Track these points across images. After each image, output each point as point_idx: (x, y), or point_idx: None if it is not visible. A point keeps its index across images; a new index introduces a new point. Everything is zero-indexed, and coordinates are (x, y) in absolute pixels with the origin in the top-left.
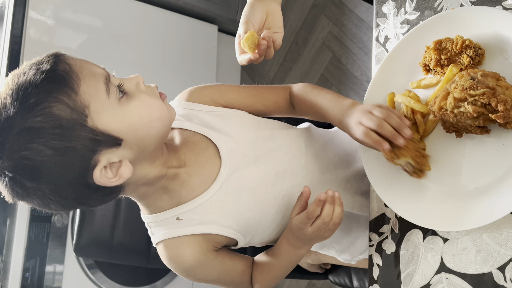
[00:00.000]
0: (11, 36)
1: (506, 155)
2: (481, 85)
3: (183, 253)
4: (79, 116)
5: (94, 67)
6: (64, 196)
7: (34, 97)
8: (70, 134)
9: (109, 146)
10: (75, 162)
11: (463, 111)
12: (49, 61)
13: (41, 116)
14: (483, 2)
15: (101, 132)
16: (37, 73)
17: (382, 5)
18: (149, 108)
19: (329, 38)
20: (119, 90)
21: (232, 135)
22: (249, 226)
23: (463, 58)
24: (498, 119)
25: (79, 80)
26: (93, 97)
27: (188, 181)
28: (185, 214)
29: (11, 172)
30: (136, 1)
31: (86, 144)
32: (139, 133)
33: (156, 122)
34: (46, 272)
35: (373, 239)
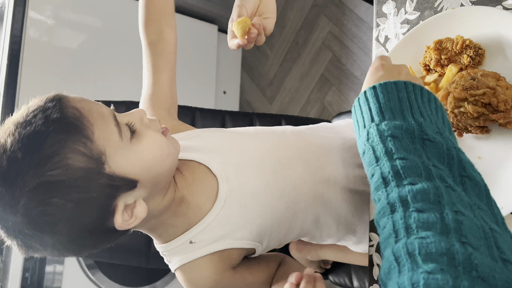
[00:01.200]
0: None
1: (506, 155)
2: (481, 85)
3: (200, 276)
4: (96, 164)
5: (101, 107)
6: (83, 245)
7: (49, 149)
8: (89, 185)
9: (126, 190)
10: (95, 211)
11: (463, 111)
12: (55, 106)
13: (58, 169)
14: (483, 2)
15: (118, 177)
16: (46, 122)
17: (382, 5)
18: (159, 145)
19: (329, 38)
20: (130, 129)
21: (217, 150)
22: (262, 232)
23: (463, 58)
24: (498, 119)
25: (92, 126)
26: (107, 142)
27: (192, 201)
28: (197, 236)
29: (29, 230)
30: (136, 1)
31: (105, 192)
32: (153, 171)
33: (167, 159)
34: (46, 272)
35: (373, 239)
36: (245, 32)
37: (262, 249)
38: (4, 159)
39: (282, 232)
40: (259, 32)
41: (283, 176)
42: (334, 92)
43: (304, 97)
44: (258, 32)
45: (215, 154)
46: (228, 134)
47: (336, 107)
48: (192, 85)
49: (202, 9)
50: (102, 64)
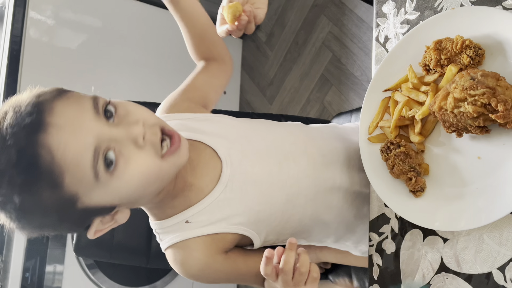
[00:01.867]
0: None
1: (506, 155)
2: (481, 85)
3: (190, 256)
4: (67, 203)
5: (80, 139)
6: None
7: (18, 188)
8: (62, 217)
9: (103, 214)
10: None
11: (463, 111)
12: (30, 146)
13: (30, 202)
14: (483, 2)
15: (93, 207)
16: (18, 166)
17: (382, 5)
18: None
19: (329, 38)
20: (108, 162)
21: (225, 136)
22: (260, 221)
23: (463, 58)
24: (498, 119)
25: (63, 173)
26: (79, 185)
27: (196, 183)
28: (194, 216)
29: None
30: (136, 1)
31: (79, 220)
32: (134, 196)
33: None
34: (46, 272)
35: (373, 239)
36: (235, 17)
37: (259, 240)
38: None
39: (281, 224)
40: (249, 19)
41: (286, 169)
42: (334, 92)
43: (304, 97)
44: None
45: (223, 140)
46: (238, 122)
47: (336, 107)
48: None
49: None
50: (102, 64)
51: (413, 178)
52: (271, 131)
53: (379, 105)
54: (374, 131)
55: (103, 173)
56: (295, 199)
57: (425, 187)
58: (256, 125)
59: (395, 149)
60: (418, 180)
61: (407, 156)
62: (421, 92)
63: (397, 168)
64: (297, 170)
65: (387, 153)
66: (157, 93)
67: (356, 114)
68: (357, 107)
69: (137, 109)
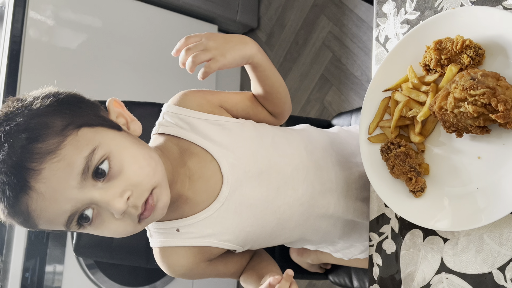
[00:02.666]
0: (11, 36)
1: (506, 155)
2: (481, 85)
3: (177, 262)
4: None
5: (58, 210)
6: None
7: None
8: None
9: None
10: None
11: (463, 111)
12: (12, 199)
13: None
14: (483, 2)
15: None
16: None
17: (382, 5)
18: (121, 233)
19: (329, 38)
20: (88, 218)
21: (232, 149)
22: (248, 239)
23: (463, 58)
24: (498, 119)
25: (37, 225)
26: (53, 228)
27: (192, 198)
28: (185, 227)
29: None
30: (136, 1)
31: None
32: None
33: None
34: (46, 272)
35: (373, 239)
36: None
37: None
38: None
39: (266, 241)
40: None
41: (283, 195)
42: (334, 92)
43: (304, 97)
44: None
45: (230, 153)
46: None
47: (336, 107)
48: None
49: (202, 9)
50: (102, 64)
51: (413, 178)
52: (277, 151)
53: (379, 105)
54: (374, 131)
55: (75, 228)
56: (285, 223)
57: (425, 187)
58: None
59: (395, 149)
60: (418, 180)
61: (407, 156)
62: (421, 92)
63: (397, 168)
64: (293, 197)
65: (387, 153)
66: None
67: (356, 114)
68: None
69: (132, 169)
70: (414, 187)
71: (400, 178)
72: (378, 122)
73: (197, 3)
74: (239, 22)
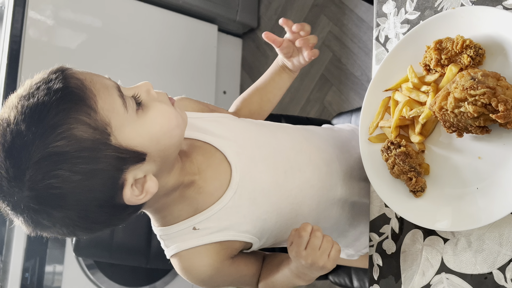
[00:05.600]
0: (11, 36)
1: (506, 155)
2: (482, 85)
3: (201, 263)
4: (102, 135)
5: (103, 79)
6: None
7: (52, 120)
8: (95, 156)
9: (135, 163)
10: (103, 184)
11: (463, 111)
12: (58, 77)
13: (63, 140)
14: (483, 1)
15: (125, 149)
16: (49, 93)
17: (383, 4)
18: (167, 116)
19: (329, 38)
20: (135, 101)
21: (234, 139)
22: (265, 229)
23: (463, 58)
24: (498, 119)
25: (94, 96)
26: (112, 112)
27: (204, 186)
28: (201, 223)
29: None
30: (136, 1)
31: (112, 164)
32: (162, 143)
33: (175, 130)
34: (46, 272)
35: (374, 239)
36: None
37: (258, 246)
38: (7, 133)
39: (282, 232)
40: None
41: (292, 178)
42: (334, 92)
43: (304, 97)
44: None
45: (232, 143)
46: (244, 124)
47: (336, 107)
48: (192, 85)
49: (202, 9)
50: (101, 64)
51: (413, 178)
52: (276, 138)
53: (380, 105)
54: (375, 131)
55: (131, 107)
56: (298, 208)
57: (425, 187)
58: (262, 128)
59: (395, 149)
60: (419, 180)
61: (407, 156)
62: (421, 92)
63: (397, 168)
64: (302, 179)
65: (388, 153)
66: None
67: (356, 114)
68: (357, 107)
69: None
70: (414, 187)
71: (400, 178)
72: (378, 122)
73: (197, 3)
74: (239, 22)
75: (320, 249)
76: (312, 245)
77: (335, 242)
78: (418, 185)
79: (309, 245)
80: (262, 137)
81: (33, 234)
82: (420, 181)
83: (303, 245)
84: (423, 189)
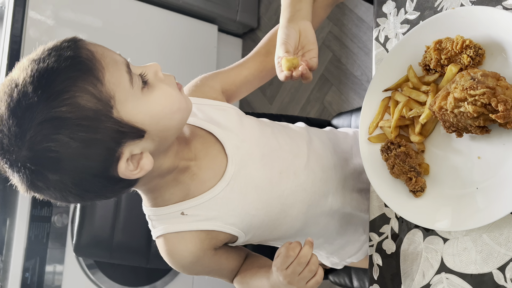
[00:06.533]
0: (11, 36)
1: (506, 155)
2: (481, 85)
3: (184, 248)
4: (104, 106)
5: (114, 54)
6: (86, 188)
7: (59, 86)
8: (96, 126)
9: (133, 138)
10: (100, 154)
11: (463, 111)
12: (70, 46)
13: (66, 106)
14: (483, 2)
15: (126, 124)
16: (59, 60)
17: (382, 5)
18: (170, 99)
19: (329, 38)
20: (142, 79)
21: (236, 132)
22: (252, 225)
23: (463, 58)
24: (498, 119)
25: (103, 69)
26: (117, 86)
27: (198, 174)
28: (190, 209)
29: (33, 165)
30: (136, 1)
31: (111, 135)
32: (161, 124)
33: (177, 114)
34: (46, 272)
35: (373, 239)
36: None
37: (243, 240)
38: (15, 93)
39: (268, 231)
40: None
41: (286, 179)
42: (334, 92)
43: (304, 97)
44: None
45: (234, 135)
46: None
47: (336, 107)
48: None
49: (202, 9)
50: None
51: (413, 178)
52: (277, 140)
53: (379, 105)
54: (374, 131)
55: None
56: (288, 210)
57: (425, 187)
58: (265, 128)
59: (395, 149)
60: (418, 180)
61: (407, 156)
62: (421, 92)
63: (397, 168)
64: (296, 182)
65: (387, 153)
66: None
67: (356, 114)
68: (357, 107)
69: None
70: (414, 187)
71: (400, 178)
72: (378, 122)
73: (197, 3)
74: (239, 22)
75: (300, 275)
76: (294, 269)
77: (319, 270)
78: (418, 185)
79: (291, 267)
80: (263, 136)
81: (27, 194)
82: (420, 181)
83: (286, 264)
84: (423, 189)
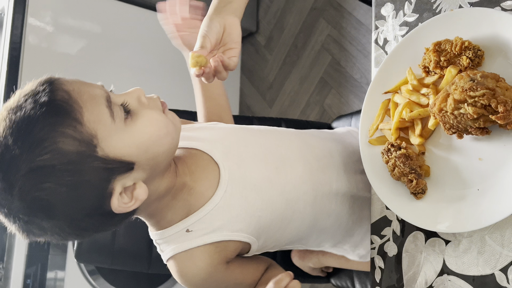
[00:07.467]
0: (11, 43)
1: (507, 156)
2: (481, 86)
3: (193, 265)
4: (87, 147)
5: (93, 88)
6: (83, 228)
7: (38, 134)
8: (81, 168)
9: (122, 172)
10: (91, 194)
11: (463, 113)
12: (45, 90)
13: (49, 154)
14: (481, 3)
15: (112, 160)
16: (35, 107)
17: (381, 7)
18: (156, 125)
19: (328, 41)
20: (124, 110)
21: (220, 141)
22: (261, 227)
23: (462, 59)
24: (498, 120)
25: (81, 109)
26: (98, 124)
27: (195, 187)
28: (194, 224)
29: (26, 215)
30: (135, 6)
31: (99, 175)
32: (150, 152)
33: (165, 138)
34: (48, 278)
35: (375, 241)
36: (199, 67)
37: (257, 247)
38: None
39: (280, 231)
40: (218, 70)
41: (284, 174)
42: (333, 95)
43: (304, 100)
44: (216, 70)
45: (219, 144)
46: (232, 128)
47: (336, 110)
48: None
49: None
50: (101, 69)
51: (414, 180)
52: (265, 137)
53: (379, 107)
54: (375, 133)
55: (119, 117)
56: (294, 204)
57: (426, 189)
58: (251, 130)
59: (395, 151)
60: (419, 182)
61: (408, 158)
62: (421, 94)
63: (398, 170)
64: (294, 175)
65: (388, 155)
66: None
67: (356, 116)
68: (357, 110)
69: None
70: (415, 189)
71: (401, 180)
72: (378, 124)
73: None
74: None
75: None
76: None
77: None
78: (418, 187)
79: None
80: (250, 136)
81: (27, 240)
82: (421, 183)
83: None
84: (423, 191)
